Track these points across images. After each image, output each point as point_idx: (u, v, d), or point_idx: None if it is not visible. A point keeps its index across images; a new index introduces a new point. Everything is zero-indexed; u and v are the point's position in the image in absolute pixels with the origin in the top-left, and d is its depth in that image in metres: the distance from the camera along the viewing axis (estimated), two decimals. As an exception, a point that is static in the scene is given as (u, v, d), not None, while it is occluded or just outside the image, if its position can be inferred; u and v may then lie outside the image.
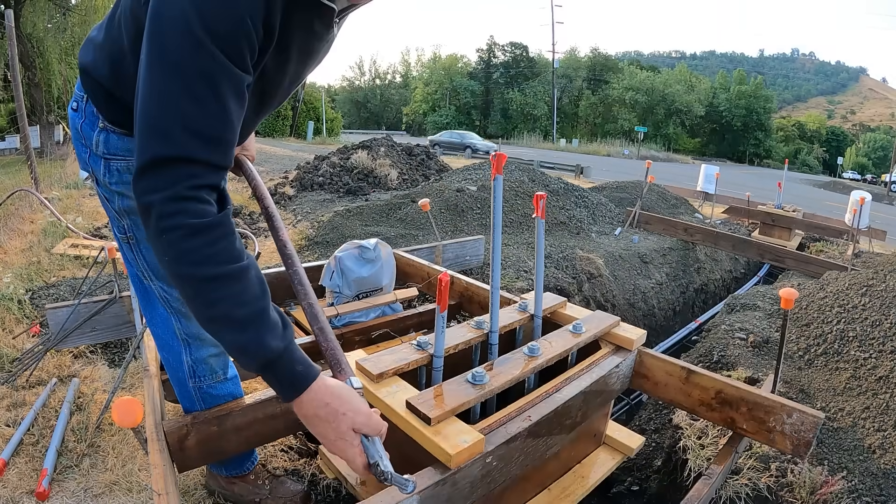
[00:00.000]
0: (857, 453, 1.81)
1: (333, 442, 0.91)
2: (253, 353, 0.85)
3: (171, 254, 0.82)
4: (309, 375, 0.90)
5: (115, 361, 2.37)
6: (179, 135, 0.81)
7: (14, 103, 5.93)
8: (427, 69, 58.25)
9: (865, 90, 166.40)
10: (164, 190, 0.81)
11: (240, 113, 0.90)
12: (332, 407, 0.90)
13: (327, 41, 1.11)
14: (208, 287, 0.83)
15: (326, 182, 7.00)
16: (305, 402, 0.90)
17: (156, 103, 0.81)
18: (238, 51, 0.84)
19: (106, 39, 1.09)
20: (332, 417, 0.90)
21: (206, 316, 0.85)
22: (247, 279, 0.86)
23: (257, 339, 0.85)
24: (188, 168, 0.82)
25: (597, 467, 1.53)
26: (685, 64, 63.59)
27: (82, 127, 1.17)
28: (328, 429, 0.90)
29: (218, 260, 0.83)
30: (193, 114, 0.81)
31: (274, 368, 0.87)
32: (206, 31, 0.79)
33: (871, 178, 47.71)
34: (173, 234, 0.81)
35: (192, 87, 0.81)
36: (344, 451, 0.90)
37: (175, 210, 0.81)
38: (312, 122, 24.22)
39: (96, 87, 1.12)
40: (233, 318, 0.84)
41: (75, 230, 4.17)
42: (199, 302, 0.84)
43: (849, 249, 5.44)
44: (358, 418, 0.90)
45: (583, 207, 6.15)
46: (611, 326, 1.57)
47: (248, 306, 0.85)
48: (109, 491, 1.60)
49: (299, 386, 0.89)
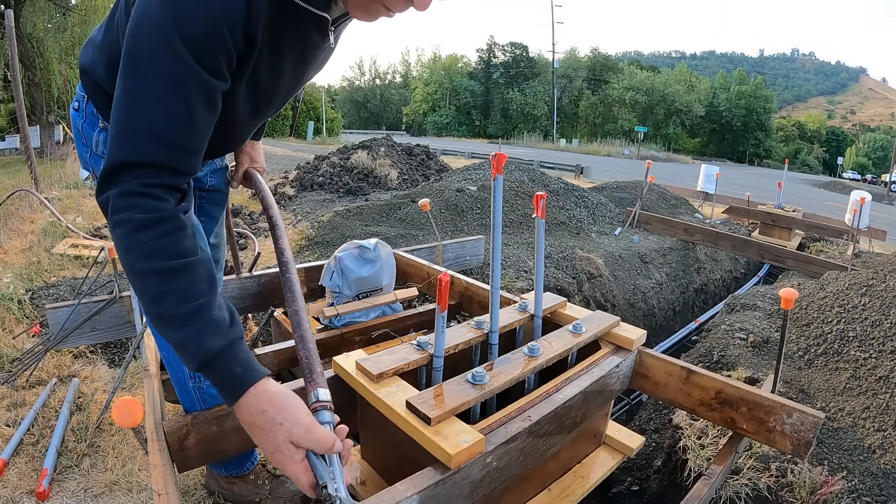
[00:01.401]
0: (857, 453, 1.81)
1: (272, 454, 0.83)
2: (191, 350, 0.82)
3: (122, 247, 0.82)
4: (248, 378, 0.83)
5: (115, 361, 2.37)
6: (144, 142, 0.82)
7: (14, 103, 5.93)
8: (427, 69, 58.27)
9: (865, 90, 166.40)
10: (118, 187, 0.82)
11: (210, 120, 0.90)
12: (269, 415, 0.82)
13: (323, 49, 1.11)
14: (153, 281, 0.81)
15: (326, 182, 7.00)
16: (243, 408, 0.83)
17: (126, 108, 0.82)
18: (212, 57, 0.84)
19: (104, 40, 1.10)
20: (269, 427, 0.82)
21: (152, 312, 0.83)
22: (192, 275, 0.83)
23: (196, 336, 0.81)
24: (147, 171, 0.83)
25: (597, 467, 1.53)
26: (685, 64, 63.60)
27: (83, 127, 1.17)
28: (265, 439, 0.83)
29: (164, 254, 0.81)
30: (160, 120, 0.82)
31: (211, 368, 0.83)
32: (180, 37, 0.79)
33: (871, 178, 47.73)
34: (123, 227, 0.81)
35: (160, 94, 0.81)
36: (283, 466, 0.82)
37: (126, 205, 0.81)
38: (312, 122, 24.23)
39: (96, 88, 1.13)
40: (175, 314, 0.81)
41: (75, 230, 4.18)
42: (145, 297, 0.83)
43: (849, 249, 5.44)
44: (296, 430, 0.81)
45: (583, 207, 6.15)
46: (611, 326, 1.57)
47: (191, 302, 0.82)
48: (109, 491, 1.60)
49: (236, 389, 0.83)
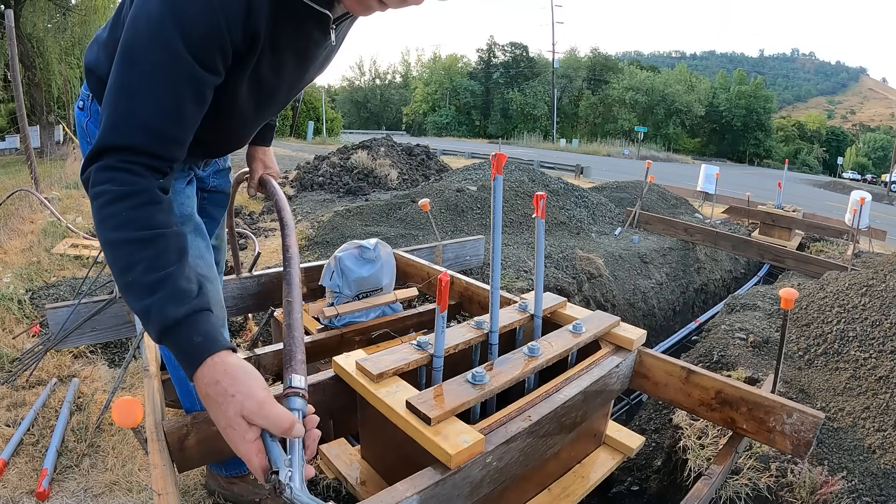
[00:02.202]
0: (857, 453, 1.81)
1: (224, 430, 0.79)
2: (154, 318, 0.81)
3: (97, 217, 0.85)
4: (207, 348, 0.81)
5: (115, 361, 2.37)
6: (130, 129, 0.85)
7: (14, 103, 5.93)
8: (427, 69, 58.27)
9: (865, 90, 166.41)
10: (99, 162, 0.85)
11: (197, 113, 0.92)
12: (222, 386, 0.78)
13: (325, 47, 1.11)
14: (124, 250, 0.83)
15: (326, 182, 7.00)
16: (199, 379, 0.80)
17: (116, 96, 0.85)
18: (208, 53, 0.86)
19: (110, 38, 1.11)
20: (221, 398, 0.78)
21: (121, 282, 0.83)
22: (162, 246, 0.84)
23: (160, 304, 0.81)
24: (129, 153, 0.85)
25: (597, 467, 1.53)
26: (685, 64, 63.61)
27: (88, 125, 1.18)
28: (217, 412, 0.79)
29: (136, 225, 0.83)
30: (148, 110, 0.85)
31: (172, 336, 0.81)
32: (178, 32, 0.82)
33: (871, 178, 47.71)
34: (100, 199, 0.84)
35: (150, 84, 0.84)
36: (235, 444, 0.78)
37: (105, 178, 0.84)
38: (312, 122, 24.23)
39: (101, 85, 1.13)
40: (142, 283, 0.81)
41: (75, 230, 4.18)
42: (116, 266, 0.84)
43: (849, 249, 5.44)
44: (248, 403, 0.77)
45: (583, 207, 6.15)
46: (611, 326, 1.57)
47: (157, 272, 0.82)
48: (109, 491, 1.60)
49: (194, 358, 0.81)
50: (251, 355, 1.77)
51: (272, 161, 1.63)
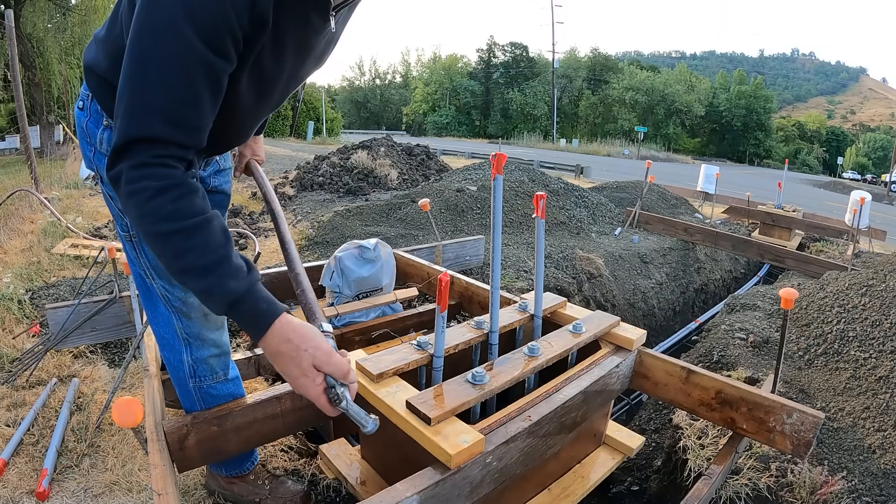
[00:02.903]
0: (857, 453, 1.81)
1: (297, 378, 0.93)
2: (218, 295, 0.90)
3: (138, 213, 0.88)
4: (272, 312, 0.93)
5: (115, 361, 2.37)
6: (153, 119, 0.87)
7: (14, 103, 5.93)
8: (427, 69, 58.26)
9: (865, 90, 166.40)
10: (130, 160, 0.87)
11: (215, 99, 0.94)
12: (294, 343, 0.93)
13: (325, 35, 1.11)
14: (175, 239, 0.88)
15: (326, 182, 7.00)
16: (269, 339, 0.93)
17: (133, 87, 0.87)
18: (219, 37, 0.88)
19: (108, 36, 1.11)
20: (294, 353, 0.93)
21: (175, 267, 0.91)
22: (209, 230, 0.91)
23: (220, 282, 0.90)
24: (156, 145, 0.88)
25: (597, 467, 1.53)
26: (685, 64, 63.57)
27: (87, 125, 1.17)
28: (291, 365, 0.93)
29: (181, 215, 0.88)
30: (168, 99, 0.87)
31: (239, 307, 0.91)
32: (188, 20, 0.84)
33: (871, 178, 47.68)
34: (139, 196, 0.87)
35: (168, 74, 0.86)
36: (307, 389, 0.93)
37: (140, 175, 0.87)
38: (312, 122, 24.23)
39: (100, 84, 1.13)
40: (198, 265, 0.89)
41: (75, 230, 4.18)
42: (168, 255, 0.90)
43: (849, 249, 5.44)
44: (318, 354, 0.93)
45: (583, 207, 6.15)
46: (611, 326, 1.57)
47: (212, 254, 0.90)
48: (109, 491, 1.60)
49: (263, 322, 0.92)
50: (251, 355, 1.78)
51: (260, 149, 1.71)
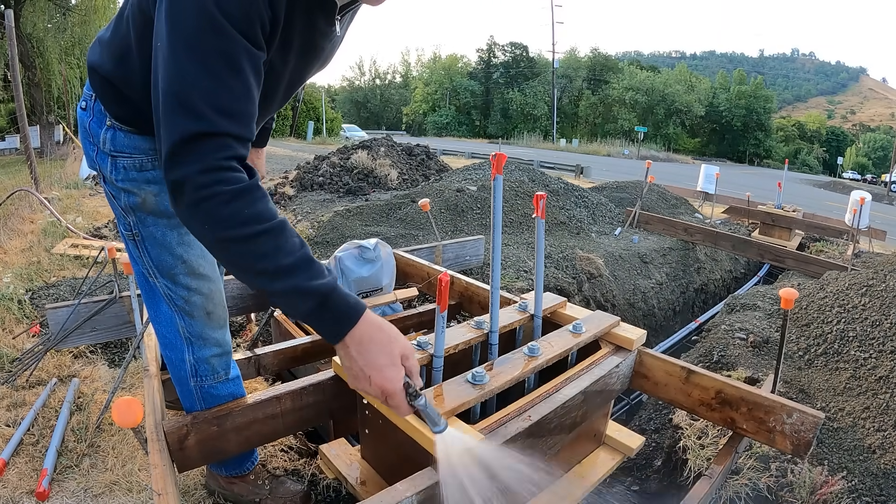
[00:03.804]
0: (857, 453, 1.81)
1: (384, 369, 0.92)
2: (308, 292, 0.89)
3: (212, 220, 0.86)
4: (360, 306, 0.94)
5: (115, 361, 2.37)
6: (206, 112, 0.85)
7: (14, 103, 5.94)
8: (427, 69, 58.27)
9: (865, 90, 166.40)
10: (196, 163, 0.85)
11: (258, 89, 0.94)
12: (387, 332, 0.94)
13: (330, 39, 1.11)
14: (254, 244, 0.87)
15: (326, 182, 7.00)
16: (363, 328, 0.92)
17: (179, 83, 0.85)
18: (252, 30, 0.88)
19: (114, 36, 1.11)
20: (387, 341, 0.93)
21: (258, 269, 0.88)
22: (288, 231, 0.90)
23: (309, 279, 0.89)
24: (217, 141, 0.86)
25: (597, 467, 1.53)
26: (685, 64, 63.57)
27: (90, 125, 1.18)
28: (382, 354, 0.92)
29: (260, 218, 0.87)
30: (217, 91, 0.86)
31: (330, 302, 0.90)
32: (221, 13, 0.84)
33: (871, 178, 47.68)
34: (212, 201, 0.85)
35: (213, 66, 0.85)
36: (392, 380, 0.91)
37: (211, 180, 0.85)
38: (312, 122, 24.23)
39: (104, 84, 1.13)
40: (282, 266, 0.88)
41: (75, 230, 4.18)
42: (246, 260, 0.88)
43: (849, 249, 5.44)
44: (406, 345, 0.94)
45: (583, 207, 6.15)
46: (611, 326, 1.57)
47: (294, 254, 0.89)
48: (109, 491, 1.60)
49: (355, 314, 0.92)
50: (251, 355, 1.78)
51: (262, 164, 1.72)
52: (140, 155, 1.17)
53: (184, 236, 1.25)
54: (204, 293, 1.30)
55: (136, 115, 1.14)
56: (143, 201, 1.19)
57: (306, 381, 1.44)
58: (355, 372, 0.94)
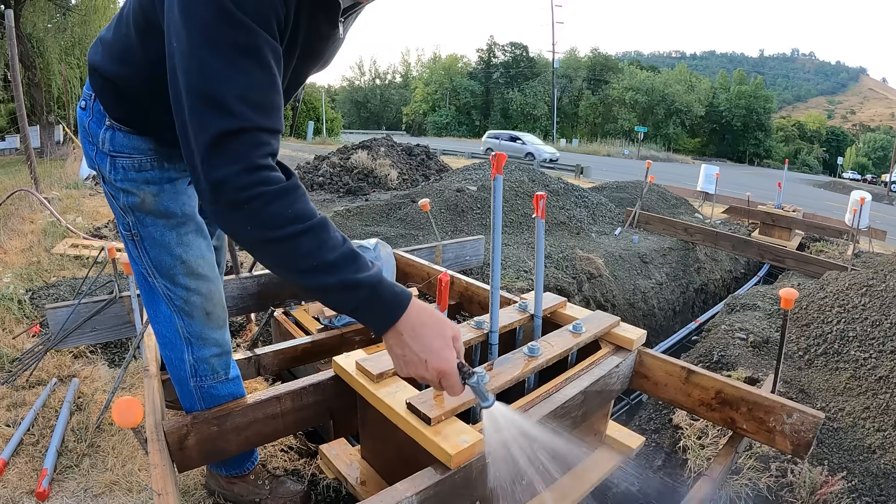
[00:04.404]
0: (857, 453, 1.81)
1: (440, 350, 0.93)
2: (353, 287, 0.89)
3: (255, 221, 0.85)
4: (407, 294, 0.95)
5: (115, 361, 2.37)
6: (237, 107, 0.83)
7: (14, 103, 5.94)
8: (427, 69, 58.29)
9: (865, 90, 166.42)
10: (236, 163, 0.83)
11: (281, 80, 0.93)
12: (437, 316, 0.95)
13: (333, 41, 1.11)
14: (300, 242, 0.87)
15: (326, 182, 7.00)
16: (413, 315, 0.93)
17: (204, 80, 0.83)
18: (269, 23, 0.88)
19: (115, 36, 1.11)
20: (438, 325, 0.94)
21: (303, 267, 0.88)
22: (330, 227, 0.91)
23: (356, 272, 0.90)
24: (253, 137, 0.85)
25: (597, 467, 1.53)
26: (685, 64, 63.54)
27: (90, 125, 1.18)
28: (436, 337, 0.93)
29: (304, 217, 0.87)
30: (245, 85, 0.85)
31: (379, 291, 0.91)
32: (238, 7, 0.83)
33: (871, 178, 47.66)
34: (256, 202, 0.84)
35: (237, 60, 0.84)
36: (448, 361, 0.93)
37: (253, 181, 0.84)
38: (312, 122, 24.23)
39: (104, 84, 1.13)
40: (329, 261, 0.88)
41: (75, 230, 4.17)
42: (293, 258, 0.88)
43: (849, 249, 5.44)
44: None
45: (583, 207, 6.15)
46: (611, 326, 1.57)
47: (339, 248, 0.90)
48: (109, 491, 1.60)
49: (405, 301, 0.93)
50: (251, 355, 1.77)
51: None
52: (139, 155, 1.17)
53: (183, 236, 1.25)
54: (203, 293, 1.30)
55: (136, 115, 1.14)
56: (142, 201, 1.19)
57: (306, 381, 1.44)
58: (409, 358, 0.95)
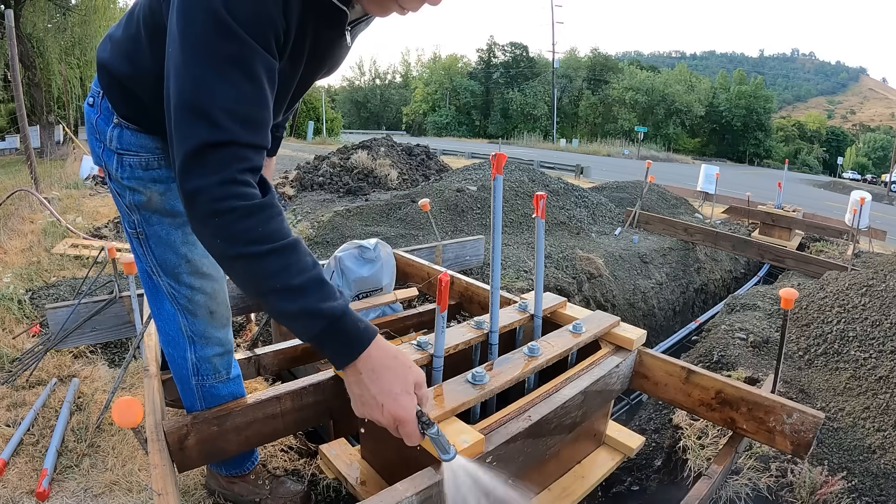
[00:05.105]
0: (857, 453, 1.81)
1: (398, 397, 0.89)
2: (316, 316, 0.86)
3: (224, 234, 0.84)
4: (372, 330, 0.91)
5: (115, 361, 2.37)
6: (221, 119, 0.83)
7: (14, 103, 5.94)
8: (427, 69, 58.29)
9: (865, 90, 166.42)
10: (213, 174, 0.82)
11: (272, 96, 0.92)
12: (401, 360, 0.91)
13: (340, 49, 1.11)
14: (265, 261, 0.84)
15: (326, 182, 7.00)
16: (375, 355, 0.90)
17: (194, 90, 0.83)
18: (266, 37, 0.87)
19: (124, 35, 1.11)
20: (401, 369, 0.90)
21: (267, 288, 0.86)
22: (300, 251, 0.88)
23: (320, 300, 0.86)
24: (234, 151, 0.84)
25: (597, 467, 1.53)
26: (685, 64, 63.53)
27: (97, 122, 1.18)
28: (396, 382, 0.90)
29: (273, 237, 0.85)
30: (233, 98, 0.84)
31: (341, 324, 0.87)
32: (234, 19, 0.82)
33: (871, 178, 47.66)
34: (227, 216, 0.83)
35: (228, 73, 0.83)
36: (405, 408, 0.89)
37: (227, 194, 0.83)
38: (312, 122, 24.23)
39: (112, 82, 1.14)
40: (293, 285, 0.85)
41: (75, 230, 4.18)
42: (257, 278, 0.86)
43: (849, 249, 5.44)
44: (418, 373, 0.92)
45: (583, 207, 6.15)
46: (611, 326, 1.57)
47: (306, 273, 0.86)
48: (109, 491, 1.60)
49: (364, 340, 0.89)
50: (251, 355, 1.77)
51: (271, 173, 1.71)
52: (146, 153, 1.17)
53: (188, 235, 1.25)
54: (207, 292, 1.30)
55: (144, 114, 1.14)
56: (148, 199, 1.20)
57: (306, 381, 1.44)
58: (366, 399, 0.92)
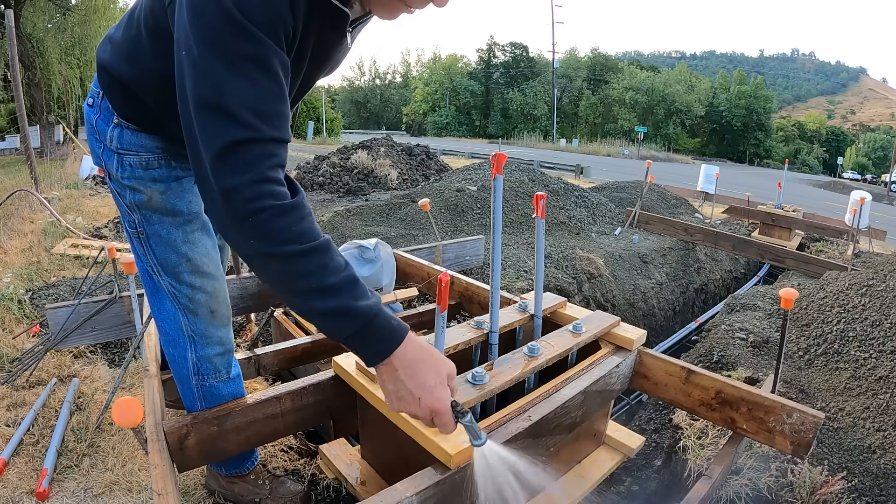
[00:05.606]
0: (857, 453, 1.81)
1: (434, 388, 0.91)
2: (356, 313, 0.87)
3: (259, 235, 0.85)
4: (403, 324, 0.93)
5: (115, 361, 2.37)
6: (247, 117, 0.84)
7: (14, 103, 5.94)
8: (427, 69, 58.28)
9: (865, 90, 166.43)
10: (245, 173, 0.83)
11: (290, 88, 0.93)
12: (433, 352, 0.94)
13: (340, 50, 1.11)
14: (300, 261, 0.85)
15: (326, 182, 7.00)
16: (409, 350, 0.91)
17: (214, 90, 0.84)
18: (277, 34, 0.87)
19: (125, 36, 1.11)
20: (434, 362, 0.92)
21: (300, 288, 0.87)
22: (333, 250, 0.89)
23: (355, 299, 0.87)
24: (262, 148, 0.85)
25: (597, 467, 1.53)
26: (685, 64, 63.52)
27: (97, 122, 1.18)
28: (430, 374, 0.91)
29: (306, 237, 0.86)
30: (254, 95, 0.85)
31: (376, 323, 0.89)
32: (248, 18, 0.83)
33: (871, 178, 47.64)
34: (261, 215, 0.83)
35: (247, 71, 0.84)
36: (442, 399, 0.91)
37: (260, 193, 0.83)
38: (312, 122, 24.23)
39: (112, 83, 1.14)
40: (327, 285, 0.86)
41: (75, 230, 4.18)
42: (290, 277, 0.87)
43: (849, 249, 5.44)
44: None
45: (583, 207, 6.15)
46: (611, 326, 1.57)
47: (340, 272, 0.88)
48: (109, 491, 1.60)
49: (400, 334, 0.91)
50: (251, 355, 1.78)
51: None
52: (147, 153, 1.17)
53: (189, 234, 1.25)
54: (208, 291, 1.30)
55: (144, 114, 1.14)
56: (148, 199, 1.20)
57: (306, 381, 1.44)
58: (402, 394, 0.92)
